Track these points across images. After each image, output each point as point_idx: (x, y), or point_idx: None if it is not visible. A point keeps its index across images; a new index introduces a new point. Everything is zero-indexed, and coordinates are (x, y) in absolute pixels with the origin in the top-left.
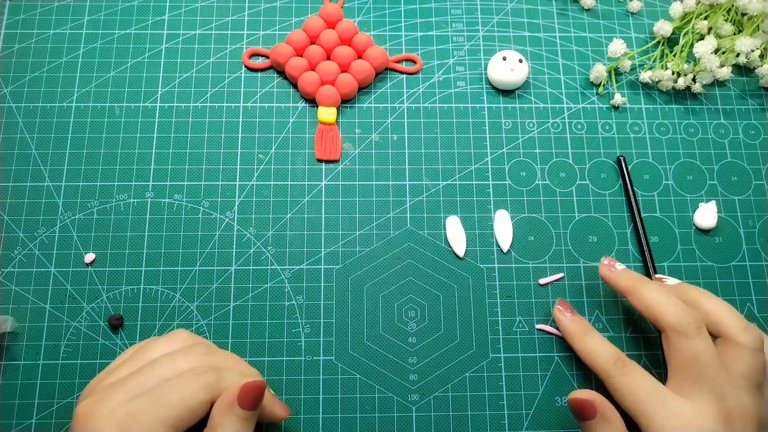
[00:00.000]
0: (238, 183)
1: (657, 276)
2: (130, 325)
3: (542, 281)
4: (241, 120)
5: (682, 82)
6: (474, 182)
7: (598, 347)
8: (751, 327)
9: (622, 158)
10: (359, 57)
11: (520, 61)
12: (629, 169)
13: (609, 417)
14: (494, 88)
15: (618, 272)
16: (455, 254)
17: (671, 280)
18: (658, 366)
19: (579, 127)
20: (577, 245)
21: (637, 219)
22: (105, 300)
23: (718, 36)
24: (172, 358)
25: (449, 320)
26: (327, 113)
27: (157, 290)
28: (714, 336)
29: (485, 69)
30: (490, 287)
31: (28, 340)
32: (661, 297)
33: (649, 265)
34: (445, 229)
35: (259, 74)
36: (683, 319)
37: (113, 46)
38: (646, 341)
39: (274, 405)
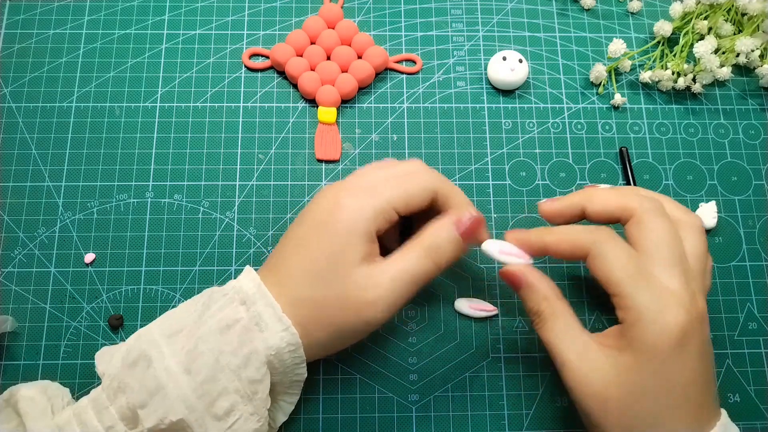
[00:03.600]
0: (238, 183)
1: (588, 186)
2: (130, 325)
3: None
4: (241, 120)
5: (682, 82)
6: (474, 182)
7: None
8: (688, 210)
9: (624, 149)
10: (359, 57)
11: (520, 61)
12: (631, 160)
13: (533, 285)
14: (494, 88)
15: (559, 198)
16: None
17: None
18: None
19: (579, 127)
20: None
21: None
22: (105, 300)
23: (718, 36)
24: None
25: (449, 320)
26: (327, 113)
27: (157, 290)
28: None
29: (485, 69)
30: (490, 287)
31: (28, 340)
32: (621, 191)
33: None
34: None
35: (259, 74)
36: (654, 202)
37: (113, 46)
38: None
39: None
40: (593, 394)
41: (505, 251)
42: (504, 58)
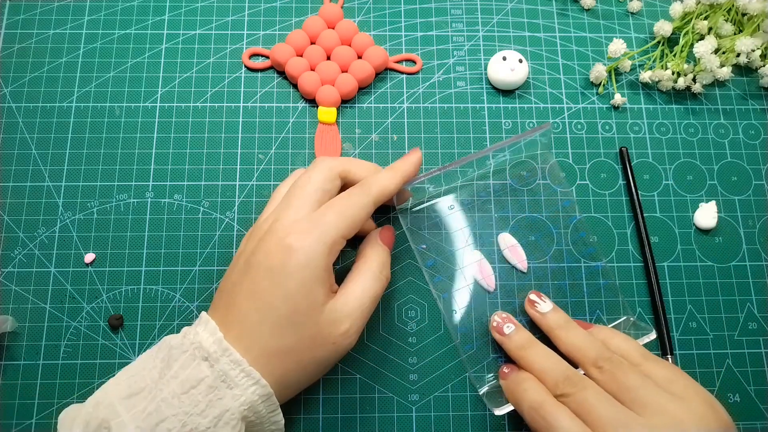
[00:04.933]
0: (238, 183)
1: (531, 297)
2: (130, 325)
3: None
4: (241, 120)
5: (682, 82)
6: (474, 182)
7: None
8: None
9: (624, 149)
10: (359, 57)
11: (520, 61)
12: (631, 160)
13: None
14: (494, 88)
15: (543, 315)
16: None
17: (544, 306)
18: None
19: (579, 127)
20: (577, 245)
21: (638, 211)
22: (105, 300)
23: (719, 36)
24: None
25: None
26: (327, 113)
27: (157, 290)
28: None
29: (485, 69)
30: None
31: (28, 340)
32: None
33: (648, 257)
34: (497, 244)
35: (259, 74)
36: (602, 353)
37: (113, 46)
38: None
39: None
40: None
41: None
42: (504, 58)
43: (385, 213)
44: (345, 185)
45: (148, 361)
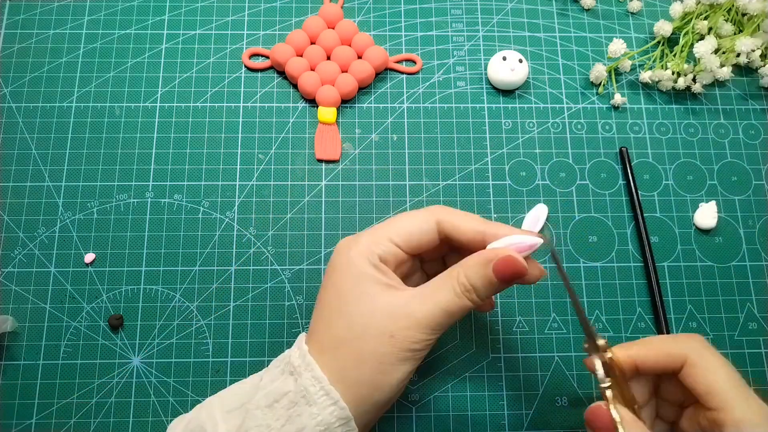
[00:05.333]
0: (238, 183)
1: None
2: (130, 325)
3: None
4: (241, 120)
5: (682, 82)
6: (474, 182)
7: None
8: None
9: (624, 149)
10: (359, 57)
11: (520, 61)
12: (631, 160)
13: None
14: (494, 88)
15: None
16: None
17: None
18: None
19: (579, 127)
20: (577, 245)
21: (638, 211)
22: (105, 300)
23: (719, 36)
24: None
25: None
26: (327, 113)
27: (157, 290)
28: None
29: (485, 69)
30: None
31: (28, 340)
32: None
33: (648, 257)
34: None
35: (259, 74)
36: (699, 340)
37: (113, 46)
38: None
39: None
40: None
41: (520, 247)
42: (504, 58)
43: None
44: (447, 237)
45: (252, 378)
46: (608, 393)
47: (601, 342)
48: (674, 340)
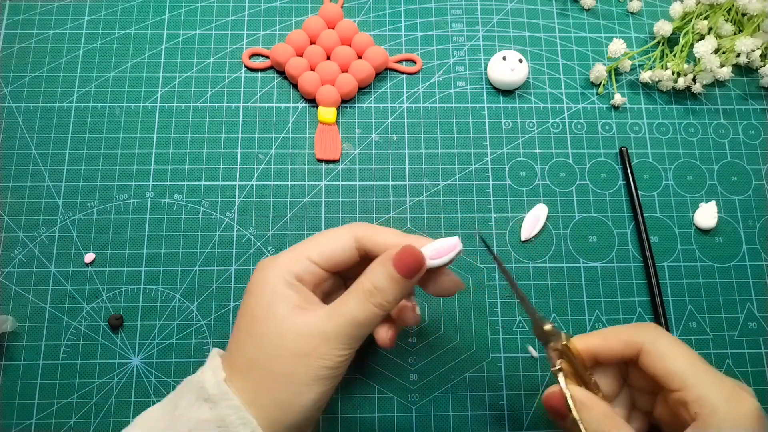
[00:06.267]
0: (238, 183)
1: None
2: (130, 325)
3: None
4: (241, 120)
5: (682, 82)
6: (474, 182)
7: None
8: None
9: (624, 149)
10: (359, 57)
11: (520, 61)
12: (631, 160)
13: (587, 403)
14: (494, 88)
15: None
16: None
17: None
18: None
19: (579, 127)
20: (577, 245)
21: (639, 211)
22: (105, 300)
23: (719, 36)
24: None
25: (449, 320)
26: (327, 113)
27: (157, 290)
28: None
29: (485, 69)
30: (490, 287)
31: (28, 340)
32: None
33: (648, 257)
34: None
35: (259, 74)
36: (655, 328)
37: (113, 46)
38: None
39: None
40: None
41: (434, 254)
42: (504, 58)
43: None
44: (366, 253)
45: (165, 404)
46: (560, 376)
47: (547, 327)
48: (630, 329)
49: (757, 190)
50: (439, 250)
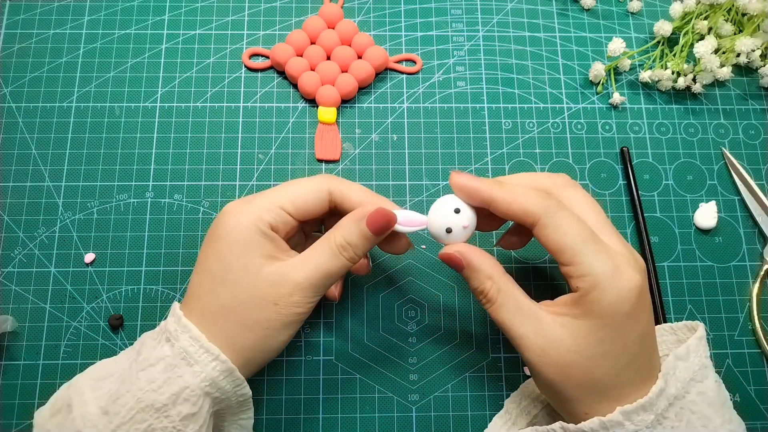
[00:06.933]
0: (238, 183)
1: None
2: (130, 325)
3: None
4: (241, 120)
5: (682, 82)
6: None
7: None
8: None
9: (625, 149)
10: (359, 57)
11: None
12: (632, 160)
13: (475, 265)
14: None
15: (471, 178)
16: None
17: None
18: None
19: (579, 127)
20: None
21: (639, 211)
22: (105, 300)
23: (719, 36)
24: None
25: (449, 320)
26: (327, 113)
27: (157, 290)
28: None
29: (485, 69)
30: None
31: (28, 340)
32: (518, 191)
33: (648, 257)
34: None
35: (259, 74)
36: (561, 178)
37: (113, 46)
38: None
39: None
40: (553, 363)
41: (404, 221)
42: (457, 211)
43: None
44: (337, 207)
45: (125, 352)
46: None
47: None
48: (534, 196)
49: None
50: (410, 220)
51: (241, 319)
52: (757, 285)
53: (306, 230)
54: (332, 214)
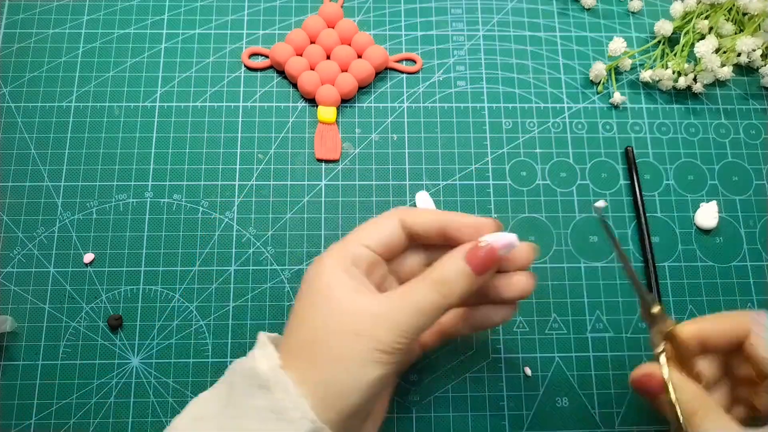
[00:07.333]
0: (237, 183)
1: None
2: (129, 326)
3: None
4: (240, 120)
5: (682, 82)
6: (474, 182)
7: None
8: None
9: (630, 149)
10: (359, 56)
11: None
12: (636, 161)
13: (678, 385)
14: None
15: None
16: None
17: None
18: None
19: (580, 126)
20: (577, 245)
21: (642, 211)
22: (104, 300)
23: (719, 35)
24: None
25: None
26: (327, 113)
27: (157, 290)
28: None
29: (485, 69)
30: None
31: (28, 340)
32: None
33: (649, 257)
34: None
35: (259, 74)
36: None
37: (112, 46)
38: (646, 342)
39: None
40: None
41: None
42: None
43: None
44: (411, 233)
45: (217, 387)
46: (662, 357)
47: (655, 310)
48: (737, 315)
49: (758, 190)
50: (502, 242)
51: (319, 352)
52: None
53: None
54: (417, 248)
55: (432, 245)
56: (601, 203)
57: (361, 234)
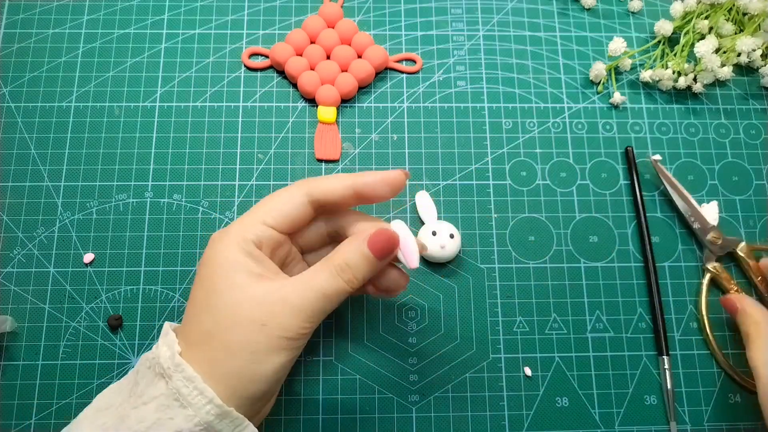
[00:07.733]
0: (237, 183)
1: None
2: (129, 326)
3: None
4: (240, 120)
5: (682, 82)
6: (474, 182)
7: None
8: None
9: (630, 149)
10: (359, 56)
11: (452, 236)
12: (636, 161)
13: (747, 311)
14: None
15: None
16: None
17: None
18: (657, 366)
19: (580, 126)
20: (577, 245)
21: (642, 211)
22: (104, 300)
23: (719, 35)
24: None
25: (449, 320)
26: (327, 113)
27: (157, 290)
28: None
29: (485, 69)
30: (491, 287)
31: (27, 340)
32: None
33: (649, 257)
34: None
35: (259, 74)
36: None
37: (112, 46)
38: (646, 342)
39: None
40: None
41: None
42: (434, 233)
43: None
44: (320, 204)
45: (126, 379)
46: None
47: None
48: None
49: (758, 190)
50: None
51: (224, 343)
52: (703, 300)
53: (309, 261)
54: (326, 214)
55: (333, 212)
56: (657, 156)
57: (263, 211)
